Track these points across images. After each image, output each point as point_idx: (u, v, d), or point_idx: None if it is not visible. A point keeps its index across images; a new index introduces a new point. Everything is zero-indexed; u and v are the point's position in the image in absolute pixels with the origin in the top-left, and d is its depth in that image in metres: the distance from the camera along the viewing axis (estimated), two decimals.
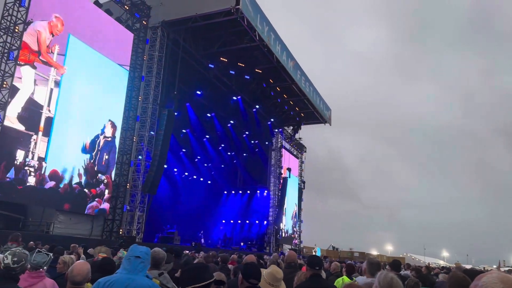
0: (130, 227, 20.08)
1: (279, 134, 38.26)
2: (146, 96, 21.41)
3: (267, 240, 35.83)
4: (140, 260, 2.82)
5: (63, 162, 16.75)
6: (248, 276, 3.35)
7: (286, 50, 27.28)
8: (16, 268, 3.22)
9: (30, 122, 15.45)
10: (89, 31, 18.55)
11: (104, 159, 18.97)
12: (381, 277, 2.88)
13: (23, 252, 3.36)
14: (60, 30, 16.87)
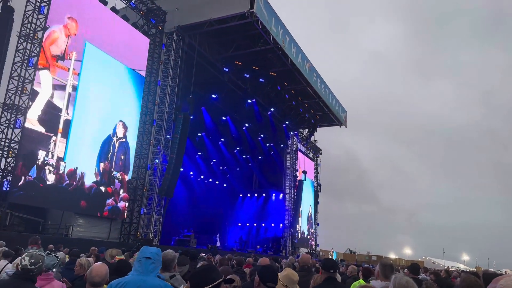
0: (147, 230, 20.29)
1: (295, 137, 38.16)
2: (162, 100, 21.65)
3: (283, 244, 35.71)
4: (151, 261, 2.84)
5: (80, 162, 17.25)
6: (265, 279, 3.35)
7: (301, 53, 27.23)
8: (34, 270, 3.29)
9: (50, 124, 16.04)
10: (106, 38, 18.89)
11: (120, 159, 19.34)
12: (396, 280, 2.86)
13: (40, 253, 3.44)
14: (75, 30, 17.26)
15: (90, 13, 18.23)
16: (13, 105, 14.79)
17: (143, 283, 2.76)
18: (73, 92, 17.12)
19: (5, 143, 14.54)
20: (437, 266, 60.03)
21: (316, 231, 42.19)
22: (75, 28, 17.30)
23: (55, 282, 3.95)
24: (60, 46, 16.59)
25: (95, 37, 18.28)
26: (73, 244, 11.36)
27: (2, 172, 14.37)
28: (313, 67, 29.65)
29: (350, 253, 50.91)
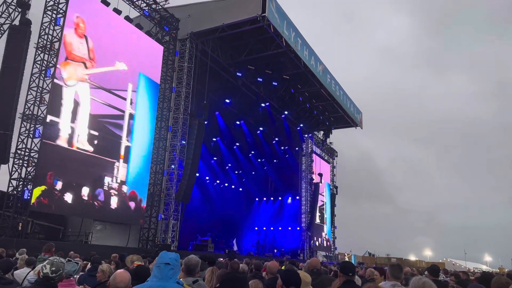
0: (165, 235, 20.44)
1: (309, 140, 38.03)
2: (177, 107, 21.87)
3: (300, 247, 35.53)
4: (170, 267, 2.83)
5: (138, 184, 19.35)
6: (289, 283, 3.40)
7: (314, 55, 27.16)
8: (55, 277, 3.35)
9: (112, 150, 17.95)
10: (120, 47, 19.20)
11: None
12: (414, 282, 2.87)
13: (61, 261, 3.50)
14: (83, 29, 17.65)
15: (105, 24, 18.57)
16: (32, 115, 15.13)
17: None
18: (131, 120, 19.10)
19: (25, 152, 14.88)
20: (458, 267, 58.86)
21: (334, 234, 41.85)
22: (82, 27, 17.67)
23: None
24: (80, 50, 16.99)
25: (109, 47, 18.61)
26: (93, 251, 11.51)
27: (23, 181, 14.68)
28: (326, 69, 29.52)
29: (369, 256, 50.33)
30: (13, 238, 13.44)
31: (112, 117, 18.32)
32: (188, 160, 20.94)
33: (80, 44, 17.17)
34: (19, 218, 14.38)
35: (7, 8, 16.02)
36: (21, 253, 8.68)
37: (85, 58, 17.27)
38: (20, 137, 14.94)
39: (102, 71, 18.12)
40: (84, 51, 17.31)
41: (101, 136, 17.52)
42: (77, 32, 17.14)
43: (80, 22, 17.32)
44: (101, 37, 18.21)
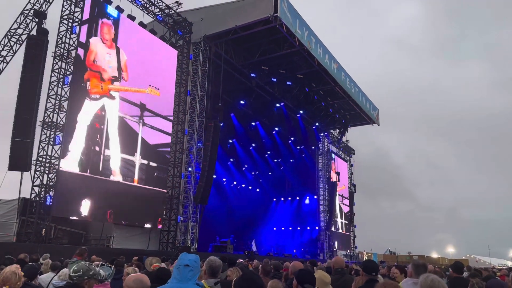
0: (184, 237, 20.59)
1: (325, 138, 37.78)
2: (193, 110, 22.02)
3: (320, 247, 35.33)
4: (189, 268, 2.81)
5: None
6: (303, 281, 3.38)
7: (328, 53, 26.97)
8: (74, 278, 3.40)
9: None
10: (139, 54, 19.46)
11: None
12: (422, 279, 2.82)
13: (85, 264, 3.54)
14: (109, 34, 17.92)
15: (122, 32, 18.84)
16: (51, 123, 15.44)
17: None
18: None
19: (46, 159, 15.18)
20: (482, 264, 57.62)
21: (353, 233, 41.48)
22: (108, 33, 17.98)
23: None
24: (107, 61, 17.32)
25: (141, 65, 19.18)
26: (114, 255, 11.65)
27: (45, 188, 14.99)
28: (341, 67, 29.28)
29: (390, 254, 49.70)
30: (37, 243, 13.73)
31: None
32: (205, 163, 21.06)
33: (108, 55, 17.50)
34: (42, 224, 14.69)
35: (25, 18, 16.41)
36: (44, 258, 8.85)
37: (113, 72, 17.69)
38: (41, 145, 15.26)
39: (133, 91, 18.56)
40: (113, 63, 17.69)
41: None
42: (104, 39, 17.49)
43: (106, 32, 17.69)
44: (132, 53, 18.64)
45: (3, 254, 8.96)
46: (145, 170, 19.11)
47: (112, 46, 18.12)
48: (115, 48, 18.22)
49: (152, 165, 19.60)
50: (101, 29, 17.70)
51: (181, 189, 21.17)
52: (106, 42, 17.87)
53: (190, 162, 21.63)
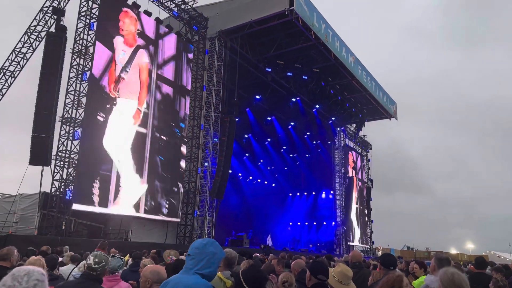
0: (201, 231, 20.76)
1: (342, 133, 37.45)
2: (208, 105, 22.09)
3: (336, 242, 35.17)
4: (191, 257, 2.68)
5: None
6: (316, 272, 3.36)
7: (345, 46, 26.66)
8: (97, 269, 3.45)
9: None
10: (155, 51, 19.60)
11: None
12: (442, 273, 2.72)
13: (104, 255, 3.61)
14: (129, 30, 18.12)
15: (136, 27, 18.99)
16: (70, 118, 15.71)
17: (179, 281, 2.65)
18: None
19: (65, 154, 15.46)
20: (503, 260, 56.47)
21: (370, 228, 41.15)
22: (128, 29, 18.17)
23: (122, 283, 4.12)
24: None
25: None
26: (132, 248, 11.82)
27: (65, 182, 15.28)
28: (357, 60, 28.92)
29: (407, 250, 49.17)
30: (57, 236, 14.03)
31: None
32: (221, 157, 21.16)
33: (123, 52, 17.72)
34: (62, 218, 15.01)
35: (44, 15, 16.68)
36: (65, 251, 9.06)
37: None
38: (60, 140, 15.55)
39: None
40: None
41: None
42: (126, 41, 17.81)
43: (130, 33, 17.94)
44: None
45: (25, 246, 9.19)
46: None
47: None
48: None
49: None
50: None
51: (197, 184, 21.33)
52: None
53: (206, 157, 21.74)
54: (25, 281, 1.82)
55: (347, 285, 3.63)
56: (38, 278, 1.85)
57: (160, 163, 19.31)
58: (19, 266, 2.43)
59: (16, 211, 15.35)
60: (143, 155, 18.43)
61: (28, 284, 1.81)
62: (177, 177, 20.31)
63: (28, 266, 1.93)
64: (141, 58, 19.05)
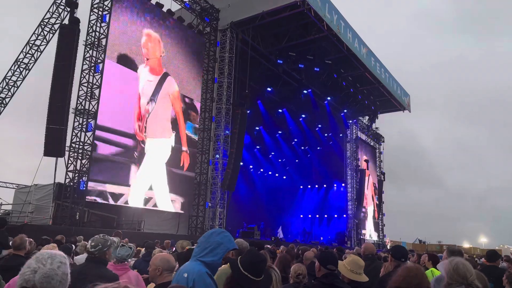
0: (212, 223, 20.90)
1: (354, 125, 37.16)
2: (220, 97, 22.11)
3: (347, 234, 35.11)
4: (197, 245, 2.83)
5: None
6: (325, 262, 3.38)
7: (357, 37, 26.34)
8: (95, 252, 3.55)
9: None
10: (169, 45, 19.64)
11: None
12: (446, 263, 2.65)
13: (102, 238, 3.69)
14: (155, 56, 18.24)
15: (150, 22, 19.02)
16: (84, 110, 15.88)
17: (183, 267, 2.78)
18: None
19: (79, 146, 15.66)
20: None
21: (382, 221, 40.95)
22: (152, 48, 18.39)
23: (131, 272, 4.18)
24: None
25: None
26: (146, 238, 11.97)
27: (78, 173, 15.50)
28: (370, 51, 28.57)
29: (419, 243, 48.83)
30: (71, 226, 14.28)
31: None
32: (232, 150, 21.22)
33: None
34: (76, 208, 15.24)
35: (57, 8, 16.81)
36: (79, 241, 9.22)
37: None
38: (74, 131, 15.74)
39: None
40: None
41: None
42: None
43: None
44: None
45: (40, 236, 9.37)
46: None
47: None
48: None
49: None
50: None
51: (208, 176, 21.44)
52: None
53: (218, 149, 21.81)
54: (49, 263, 1.88)
55: (360, 274, 3.64)
56: (61, 261, 1.93)
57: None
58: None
59: (31, 202, 15.65)
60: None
61: (52, 265, 1.87)
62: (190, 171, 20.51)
63: (51, 250, 2.00)
64: (171, 86, 19.42)
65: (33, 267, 1.87)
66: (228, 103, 22.14)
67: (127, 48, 17.49)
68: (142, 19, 18.60)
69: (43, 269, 1.86)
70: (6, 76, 16.95)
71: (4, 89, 16.93)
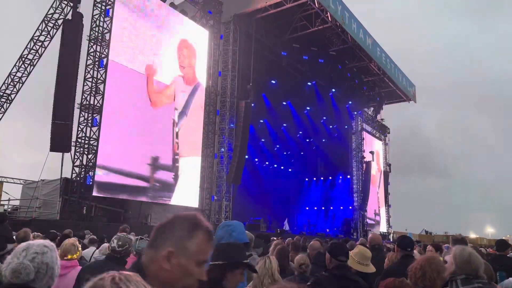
0: (218, 216, 21.00)
1: (359, 117, 36.96)
2: (224, 90, 22.08)
3: (353, 226, 35.13)
4: None
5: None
6: (336, 254, 3.38)
7: (362, 28, 26.13)
8: (121, 252, 3.56)
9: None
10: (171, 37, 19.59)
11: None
12: (457, 253, 2.56)
13: (128, 237, 3.71)
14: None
15: (152, 11, 18.94)
16: (89, 105, 15.93)
17: None
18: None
19: (85, 141, 15.74)
20: None
21: (388, 213, 40.91)
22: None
23: None
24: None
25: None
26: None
27: (85, 168, 15.59)
28: (375, 42, 28.34)
29: (425, 234, 48.76)
30: (79, 221, 14.41)
31: None
32: (236, 143, 21.24)
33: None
34: (83, 203, 15.36)
35: (60, 3, 16.79)
36: (87, 234, 9.32)
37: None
38: (80, 126, 15.81)
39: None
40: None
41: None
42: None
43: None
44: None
45: (48, 230, 9.46)
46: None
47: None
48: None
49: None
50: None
51: (214, 169, 21.50)
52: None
53: (222, 142, 21.85)
54: (23, 256, 1.90)
55: (366, 265, 3.65)
56: (36, 251, 1.93)
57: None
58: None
59: (38, 197, 15.78)
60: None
61: (26, 258, 1.89)
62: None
63: (30, 241, 2.02)
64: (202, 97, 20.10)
65: (9, 261, 1.90)
66: (232, 96, 22.12)
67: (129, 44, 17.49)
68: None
69: (12, 264, 1.88)
70: (11, 72, 17.02)
71: (10, 85, 17.00)
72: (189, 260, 1.37)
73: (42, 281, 1.92)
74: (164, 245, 1.38)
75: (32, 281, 1.89)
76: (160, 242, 1.40)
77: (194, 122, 19.91)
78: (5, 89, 16.98)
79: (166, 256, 1.35)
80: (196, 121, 20.34)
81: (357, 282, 3.40)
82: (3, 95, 16.91)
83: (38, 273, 1.90)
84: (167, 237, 1.40)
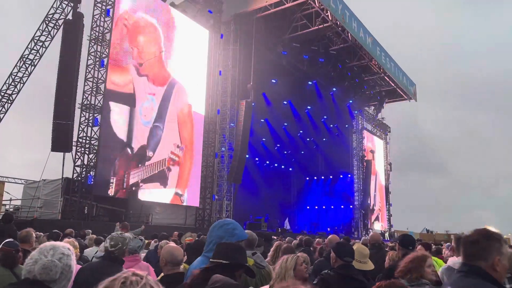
0: (219, 215, 21.03)
1: (360, 116, 36.96)
2: (225, 90, 22.09)
3: (354, 225, 35.15)
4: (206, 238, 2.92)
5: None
6: (342, 254, 3.40)
7: (362, 27, 26.11)
8: (114, 252, 3.56)
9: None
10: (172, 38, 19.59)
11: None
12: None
13: (121, 236, 3.70)
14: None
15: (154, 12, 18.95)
16: (90, 105, 15.95)
17: (193, 265, 2.84)
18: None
19: (86, 140, 15.76)
20: None
21: (389, 211, 40.92)
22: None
23: (142, 263, 4.24)
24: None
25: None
26: (154, 231, 12.06)
27: (86, 168, 15.62)
28: (375, 41, 28.32)
29: (427, 233, 48.72)
30: (80, 220, 14.43)
31: None
32: (237, 142, 21.25)
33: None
34: (84, 202, 15.39)
35: (61, 3, 16.80)
36: (88, 234, 9.35)
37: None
38: (81, 126, 15.83)
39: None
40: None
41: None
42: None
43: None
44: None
45: (50, 230, 9.49)
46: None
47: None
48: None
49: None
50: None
51: (215, 168, 21.52)
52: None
53: (223, 142, 21.86)
54: (51, 254, 1.93)
55: (365, 263, 3.66)
56: (63, 252, 1.96)
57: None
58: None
59: (40, 197, 15.81)
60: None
61: (53, 257, 1.90)
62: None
63: (54, 242, 2.03)
64: (180, 98, 19.56)
65: (35, 258, 1.92)
66: (232, 96, 22.13)
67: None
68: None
69: (43, 260, 1.90)
70: (12, 72, 17.04)
71: (11, 86, 17.03)
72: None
73: (61, 283, 1.95)
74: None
75: (54, 281, 1.91)
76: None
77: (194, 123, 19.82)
78: (6, 89, 17.00)
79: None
80: (196, 121, 20.26)
81: (362, 282, 3.43)
82: (4, 95, 16.94)
83: (62, 274, 1.92)
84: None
